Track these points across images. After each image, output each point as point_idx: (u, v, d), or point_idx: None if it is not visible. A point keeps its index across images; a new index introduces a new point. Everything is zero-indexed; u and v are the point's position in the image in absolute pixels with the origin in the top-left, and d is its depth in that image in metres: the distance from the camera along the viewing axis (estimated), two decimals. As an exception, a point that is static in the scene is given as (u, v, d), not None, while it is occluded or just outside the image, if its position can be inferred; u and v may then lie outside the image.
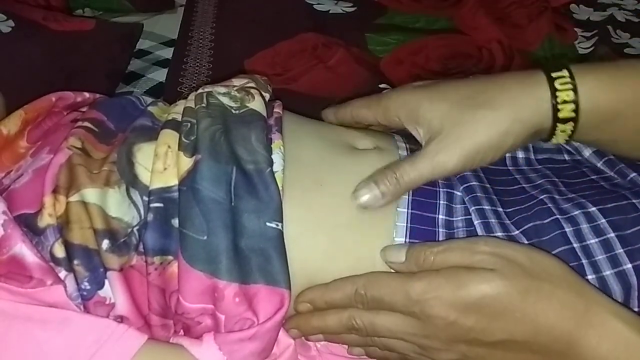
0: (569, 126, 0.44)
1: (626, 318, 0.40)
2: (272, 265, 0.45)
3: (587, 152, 0.51)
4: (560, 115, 0.44)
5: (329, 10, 1.07)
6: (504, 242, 0.44)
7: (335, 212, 0.48)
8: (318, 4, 1.08)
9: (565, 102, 0.44)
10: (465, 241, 0.45)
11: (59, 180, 0.46)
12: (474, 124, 0.45)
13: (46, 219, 0.44)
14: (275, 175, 0.47)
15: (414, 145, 0.53)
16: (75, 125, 0.50)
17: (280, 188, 0.47)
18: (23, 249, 0.42)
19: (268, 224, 0.45)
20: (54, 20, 0.84)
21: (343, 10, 1.08)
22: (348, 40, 0.96)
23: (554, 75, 0.44)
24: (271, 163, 0.48)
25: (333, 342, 0.49)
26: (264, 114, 0.52)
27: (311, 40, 0.96)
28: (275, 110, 0.54)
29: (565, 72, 0.44)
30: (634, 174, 0.49)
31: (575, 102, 0.43)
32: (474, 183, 0.49)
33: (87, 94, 0.57)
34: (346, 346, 0.49)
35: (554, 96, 0.44)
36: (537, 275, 0.41)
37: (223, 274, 0.44)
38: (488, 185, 0.50)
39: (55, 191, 0.45)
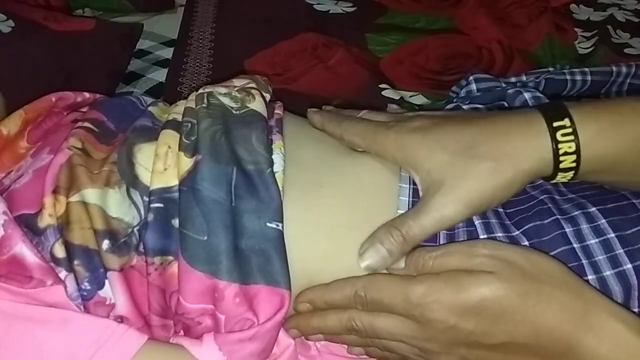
0: (569, 174, 0.44)
1: (625, 319, 0.40)
2: (272, 266, 0.45)
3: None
4: (562, 165, 0.44)
5: (329, 10, 1.07)
6: (502, 245, 0.44)
7: (335, 213, 0.48)
8: (318, 4, 1.09)
9: (567, 153, 0.43)
10: (464, 245, 0.45)
11: (59, 180, 0.46)
12: (478, 177, 0.44)
13: (46, 219, 0.44)
14: (276, 175, 0.47)
15: None
16: (76, 126, 0.50)
17: (281, 189, 0.47)
18: (23, 249, 0.42)
19: (268, 224, 0.45)
20: (54, 20, 0.84)
21: (343, 10, 1.08)
22: (348, 40, 0.96)
23: (555, 125, 0.43)
24: (272, 163, 0.48)
25: (333, 342, 0.49)
26: (265, 114, 0.52)
27: (311, 40, 0.96)
28: (276, 111, 0.54)
29: (567, 122, 0.43)
30: (634, 175, 0.49)
31: (577, 152, 0.43)
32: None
33: (87, 94, 0.57)
34: (346, 346, 0.49)
35: (555, 148, 0.43)
36: (536, 277, 0.41)
37: (223, 274, 0.44)
38: (488, 185, 0.49)
39: (55, 191, 0.45)
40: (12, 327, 0.40)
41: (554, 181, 0.45)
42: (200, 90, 0.53)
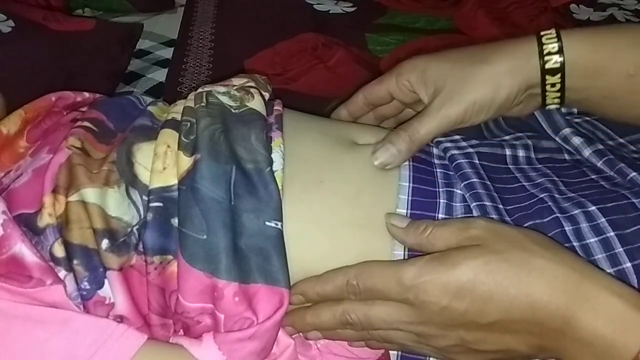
0: (557, 79, 0.48)
1: (621, 292, 0.40)
2: (271, 265, 0.45)
3: (587, 152, 0.51)
4: (547, 66, 0.48)
5: (329, 10, 1.07)
6: (499, 222, 0.45)
7: (335, 210, 0.48)
8: (318, 4, 1.09)
9: (550, 53, 0.48)
10: (461, 219, 0.47)
11: (58, 179, 0.46)
12: (473, 78, 0.49)
13: (46, 219, 0.44)
14: (275, 174, 0.47)
15: None
16: (75, 125, 0.50)
17: (280, 187, 0.47)
18: (23, 249, 0.42)
19: (267, 223, 0.45)
20: (54, 20, 0.84)
21: (343, 10, 1.08)
22: (348, 40, 0.96)
23: (542, 33, 0.49)
24: (271, 162, 0.48)
25: (332, 339, 0.49)
26: (264, 113, 0.52)
27: (311, 40, 0.96)
28: (275, 107, 0.54)
29: (552, 31, 0.49)
30: (634, 174, 0.49)
31: (561, 52, 0.48)
32: (475, 180, 0.49)
33: (87, 94, 0.57)
34: (350, 347, 0.49)
35: (540, 48, 0.48)
36: (529, 249, 0.41)
37: (222, 273, 0.44)
38: (489, 183, 0.50)
39: (54, 191, 0.45)
40: (12, 327, 0.40)
41: (548, 101, 0.50)
42: (199, 90, 0.53)
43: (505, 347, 0.42)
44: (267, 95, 0.55)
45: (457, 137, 0.53)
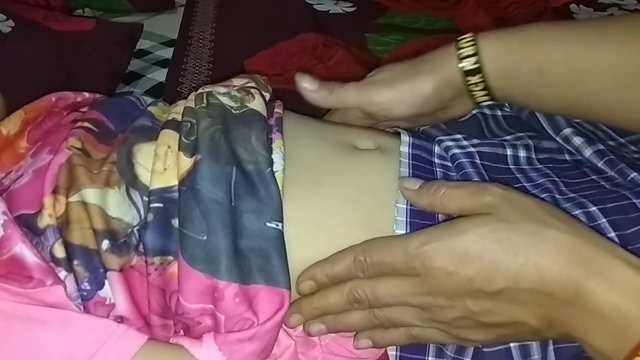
0: (478, 79, 0.51)
1: (637, 264, 0.38)
2: (272, 266, 0.45)
3: (587, 152, 0.51)
4: (466, 67, 0.51)
5: (329, 10, 1.07)
6: (516, 190, 0.44)
7: (335, 211, 0.48)
8: (318, 4, 1.08)
9: (468, 56, 0.51)
10: (477, 183, 0.47)
11: (58, 180, 0.46)
12: (402, 76, 0.54)
13: (46, 220, 0.44)
14: (275, 175, 0.47)
15: (420, 141, 0.53)
16: (75, 126, 0.50)
17: (280, 188, 0.47)
18: (23, 250, 0.42)
19: (268, 224, 0.45)
20: (54, 20, 0.84)
21: (343, 10, 1.08)
22: (348, 40, 0.96)
23: (459, 38, 0.52)
24: (271, 163, 0.48)
25: (337, 332, 0.48)
26: (264, 113, 0.52)
27: (311, 40, 0.96)
28: (275, 110, 0.54)
29: (469, 35, 0.52)
30: (635, 174, 0.49)
31: (477, 54, 0.51)
32: (477, 180, 0.49)
33: (87, 94, 0.57)
34: (348, 346, 0.49)
35: (458, 52, 0.52)
36: (542, 220, 0.41)
37: (223, 274, 0.44)
38: (490, 183, 0.50)
39: (55, 191, 0.45)
40: (12, 327, 0.40)
41: (478, 99, 0.53)
42: (200, 90, 0.53)
43: (513, 319, 0.41)
44: (267, 96, 0.55)
45: (459, 136, 0.54)
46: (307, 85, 0.56)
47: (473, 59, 0.51)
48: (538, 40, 0.51)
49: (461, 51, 0.52)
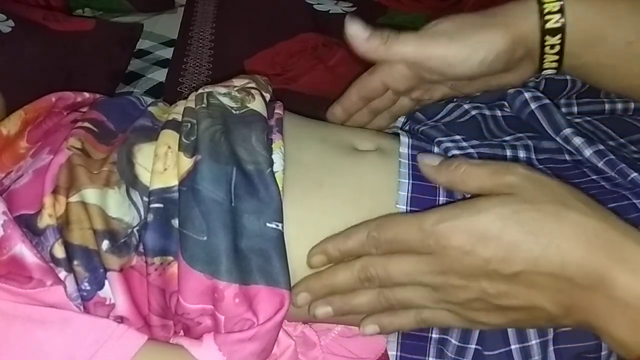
0: (556, 40, 0.47)
1: None
2: (272, 266, 0.45)
3: (587, 152, 0.51)
4: (547, 25, 0.47)
5: (329, 10, 1.07)
6: (539, 171, 0.42)
7: (335, 212, 0.48)
8: (318, 4, 1.08)
9: (551, 12, 0.47)
10: (501, 162, 0.44)
11: (58, 180, 0.46)
12: (469, 29, 0.49)
13: (46, 220, 0.44)
14: (276, 175, 0.47)
15: (419, 143, 0.53)
16: (75, 126, 0.50)
17: (281, 188, 0.47)
18: (23, 250, 0.42)
19: (268, 224, 0.45)
20: (54, 20, 0.84)
21: (343, 10, 1.08)
22: (348, 41, 0.96)
23: None
24: (271, 163, 0.48)
25: (343, 314, 0.47)
26: (265, 114, 0.52)
27: (311, 40, 0.96)
28: (276, 111, 0.54)
29: None
30: (635, 174, 0.49)
31: (562, 11, 0.47)
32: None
33: (87, 94, 0.57)
34: (349, 346, 0.49)
35: (541, 7, 0.47)
36: (567, 203, 0.39)
37: (223, 274, 0.44)
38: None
39: (55, 191, 0.45)
40: (12, 327, 0.40)
41: (546, 64, 0.49)
42: (200, 90, 0.53)
43: (529, 303, 0.40)
44: (267, 97, 0.55)
45: (458, 137, 0.53)
46: (356, 32, 0.51)
47: (557, 16, 0.47)
48: (631, 9, 0.48)
49: (545, 6, 0.47)
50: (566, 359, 0.45)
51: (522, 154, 0.53)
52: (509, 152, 0.53)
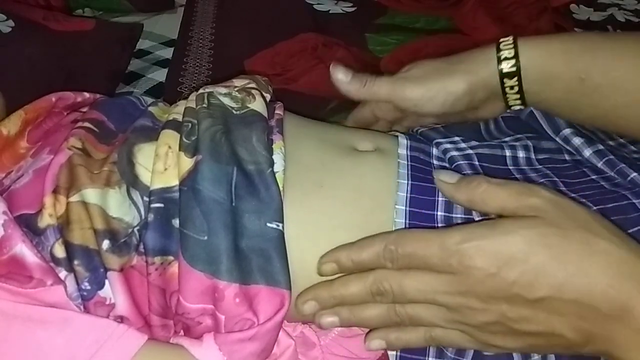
0: (514, 82, 0.52)
1: None
2: (272, 266, 0.45)
3: (587, 152, 0.51)
4: (504, 70, 0.52)
5: (329, 10, 1.07)
6: (564, 196, 0.42)
7: (335, 213, 0.48)
8: (318, 4, 1.08)
9: (507, 58, 0.52)
10: (524, 184, 0.44)
11: (59, 180, 0.46)
12: (437, 73, 0.54)
13: (46, 219, 0.44)
14: (276, 175, 0.47)
15: (418, 144, 0.53)
16: (76, 126, 0.50)
17: (281, 189, 0.47)
18: (23, 249, 0.42)
19: (269, 224, 0.45)
20: (54, 20, 0.84)
21: (343, 10, 1.08)
22: (348, 40, 0.96)
23: (500, 40, 0.53)
24: (272, 163, 0.48)
25: (349, 326, 0.46)
26: (265, 114, 0.52)
27: (311, 40, 0.96)
28: (276, 111, 0.54)
29: (509, 38, 0.52)
30: (635, 174, 0.49)
31: (516, 57, 0.51)
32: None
33: (87, 94, 0.57)
34: (349, 346, 0.49)
35: (498, 54, 0.52)
36: (594, 231, 0.38)
37: (223, 274, 0.44)
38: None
39: (55, 191, 0.45)
40: (12, 327, 0.40)
41: (510, 102, 0.53)
42: (201, 90, 0.53)
43: (549, 329, 0.39)
44: (268, 97, 0.55)
45: (457, 138, 0.54)
46: (340, 77, 0.56)
47: (512, 61, 0.51)
48: (581, 48, 0.51)
49: (502, 53, 0.52)
50: (566, 359, 0.45)
51: (521, 154, 0.53)
52: (508, 152, 0.53)
